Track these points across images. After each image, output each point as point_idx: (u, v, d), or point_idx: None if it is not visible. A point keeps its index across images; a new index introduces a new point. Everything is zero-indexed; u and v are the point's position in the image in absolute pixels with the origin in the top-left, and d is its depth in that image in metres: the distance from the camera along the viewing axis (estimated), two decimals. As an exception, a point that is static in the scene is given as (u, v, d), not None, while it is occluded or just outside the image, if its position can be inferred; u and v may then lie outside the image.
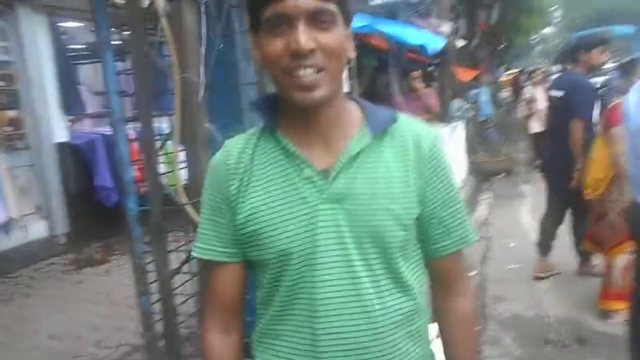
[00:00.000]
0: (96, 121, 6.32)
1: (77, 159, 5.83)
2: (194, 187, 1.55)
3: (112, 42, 1.86)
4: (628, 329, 2.54)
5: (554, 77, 8.52)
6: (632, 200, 2.24)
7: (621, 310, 3.24)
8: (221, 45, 1.59)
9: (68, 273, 5.14)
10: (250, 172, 0.92)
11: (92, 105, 6.30)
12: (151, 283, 1.97)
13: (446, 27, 7.65)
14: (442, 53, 7.34)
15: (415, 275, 0.94)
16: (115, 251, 5.70)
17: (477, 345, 1.05)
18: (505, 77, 22.55)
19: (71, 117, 6.02)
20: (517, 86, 16.06)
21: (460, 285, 1.01)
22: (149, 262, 1.97)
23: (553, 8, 31.37)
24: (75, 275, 5.07)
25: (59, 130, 5.77)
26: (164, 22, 1.43)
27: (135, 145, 5.73)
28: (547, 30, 38.43)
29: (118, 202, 5.88)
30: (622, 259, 3.24)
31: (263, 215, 0.89)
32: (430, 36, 6.81)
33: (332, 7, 0.83)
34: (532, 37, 29.33)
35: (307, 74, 0.82)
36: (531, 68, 14.28)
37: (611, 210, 3.22)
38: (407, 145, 0.92)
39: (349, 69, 2.45)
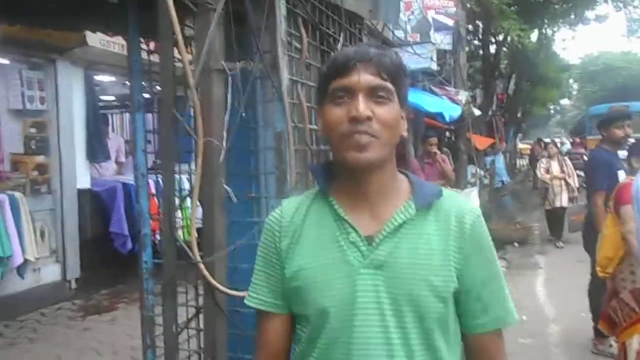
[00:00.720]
0: (126, 170, 6.54)
1: (95, 205, 5.97)
2: (207, 244, 1.61)
3: (142, 104, 1.99)
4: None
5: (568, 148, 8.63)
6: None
7: None
8: (244, 114, 1.70)
9: (75, 319, 5.13)
10: (301, 231, 1.00)
11: (116, 153, 6.53)
12: (157, 336, 2.00)
13: (463, 96, 7.87)
14: (459, 120, 7.52)
15: (453, 352, 0.96)
16: (123, 299, 5.70)
17: None
18: (522, 145, 22.67)
19: (95, 165, 6.25)
20: (533, 155, 16.17)
21: None
22: (158, 316, 2.00)
23: (570, 82, 31.96)
24: (81, 322, 5.06)
25: (83, 176, 5.96)
26: (194, 91, 1.54)
27: (153, 198, 5.82)
28: (565, 101, 38.99)
29: (132, 250, 5.96)
30: (637, 339, 3.15)
31: (308, 273, 0.96)
32: (447, 104, 7.01)
33: (389, 85, 0.95)
34: (549, 108, 29.76)
35: (362, 137, 0.92)
36: (547, 140, 14.39)
37: (622, 289, 3.17)
38: (449, 221, 0.97)
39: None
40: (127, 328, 4.87)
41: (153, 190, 6.60)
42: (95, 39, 5.54)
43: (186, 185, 2.11)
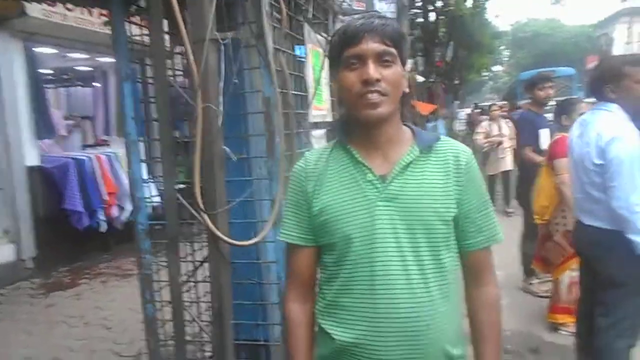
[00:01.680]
0: (67, 145, 6.35)
1: (47, 183, 5.83)
2: (209, 201, 1.76)
3: (130, 74, 2.08)
4: (575, 340, 2.88)
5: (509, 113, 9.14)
6: (576, 220, 2.60)
7: (568, 323, 3.63)
8: (236, 80, 1.85)
9: (37, 297, 5.08)
10: (325, 175, 1.21)
11: (65, 129, 6.33)
12: (155, 292, 2.14)
13: (407, 63, 8.17)
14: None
15: (454, 263, 1.19)
16: (85, 275, 5.68)
17: (500, 327, 1.25)
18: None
19: (43, 141, 6.05)
20: (471, 121, 16.97)
21: (487, 276, 1.25)
22: (156, 273, 2.15)
23: (502, 48, 33.35)
24: (44, 299, 5.02)
25: (30, 153, 5.78)
26: (192, 60, 1.67)
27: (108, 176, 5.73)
28: (497, 68, 40.71)
29: (89, 226, 5.90)
30: (567, 276, 3.64)
31: (333, 208, 1.17)
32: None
33: (393, 50, 1.13)
34: (484, 74, 31.06)
35: (374, 96, 1.11)
36: (486, 104, 15.03)
37: (556, 232, 3.62)
38: (447, 159, 1.19)
39: (332, 103, 2.75)
40: (94, 302, 4.91)
41: (106, 165, 6.50)
42: (36, 9, 5.30)
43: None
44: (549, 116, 4.35)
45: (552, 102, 4.54)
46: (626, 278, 2.31)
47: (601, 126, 2.34)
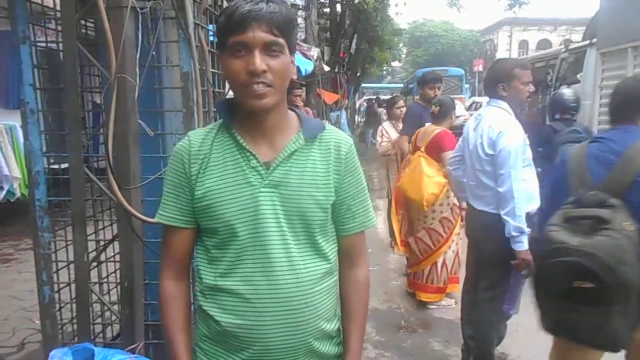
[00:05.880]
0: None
1: None
2: (123, 177, 1.69)
3: (27, 35, 1.91)
4: (460, 313, 3.20)
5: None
6: (468, 205, 2.88)
7: (437, 300, 4.06)
8: (154, 53, 1.78)
9: None
10: (209, 158, 1.18)
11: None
12: (54, 272, 2.02)
13: (315, 52, 8.31)
14: (310, 75, 7.97)
15: (330, 247, 1.26)
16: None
17: (367, 305, 1.35)
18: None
19: None
20: (370, 113, 17.66)
21: (359, 258, 1.33)
22: (54, 252, 2.02)
23: (400, 45, 34.98)
24: None
25: None
26: (106, 23, 1.58)
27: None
28: (396, 63, 42.69)
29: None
30: (440, 259, 4.02)
31: (216, 193, 1.16)
32: (301, 58, 7.37)
33: (281, 40, 1.10)
34: (383, 69, 32.43)
35: (259, 88, 1.09)
36: (387, 96, 15.59)
37: (433, 219, 3.93)
38: (329, 149, 1.23)
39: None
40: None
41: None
42: None
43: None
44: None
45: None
46: (504, 258, 2.61)
47: (492, 120, 2.63)
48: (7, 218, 5.64)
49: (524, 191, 2.50)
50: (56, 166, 2.24)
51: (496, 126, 2.58)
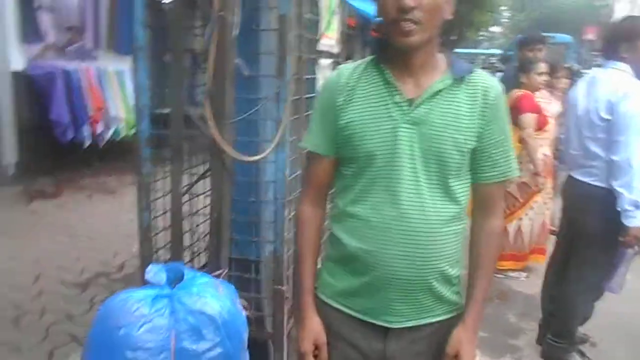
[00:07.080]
0: (58, 54, 6.09)
1: (33, 91, 5.67)
2: (218, 115, 1.77)
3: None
4: (542, 287, 3.06)
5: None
6: (569, 175, 2.68)
7: (513, 269, 3.90)
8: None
9: (19, 203, 5.08)
10: (355, 90, 1.23)
11: (54, 37, 6.07)
12: (153, 201, 2.18)
13: None
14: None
15: (462, 190, 1.24)
16: (68, 187, 5.66)
17: (495, 258, 1.32)
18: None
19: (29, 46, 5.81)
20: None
21: (495, 208, 1.30)
22: (155, 181, 2.17)
23: (503, 8, 32.72)
24: (26, 206, 5.03)
25: (16, 58, 5.57)
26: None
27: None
28: (495, 29, 40.05)
29: (73, 139, 5.82)
30: (515, 225, 3.86)
31: (358, 124, 1.20)
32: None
33: None
34: (481, 34, 30.60)
35: (406, 25, 1.10)
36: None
37: (510, 183, 3.72)
38: (477, 92, 1.20)
39: (341, 34, 2.71)
40: (78, 214, 4.94)
41: (94, 80, 6.32)
42: None
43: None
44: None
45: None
46: (606, 235, 2.43)
47: (614, 83, 2.39)
48: (113, 156, 6.18)
49: None
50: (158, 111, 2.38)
51: (620, 88, 2.35)
